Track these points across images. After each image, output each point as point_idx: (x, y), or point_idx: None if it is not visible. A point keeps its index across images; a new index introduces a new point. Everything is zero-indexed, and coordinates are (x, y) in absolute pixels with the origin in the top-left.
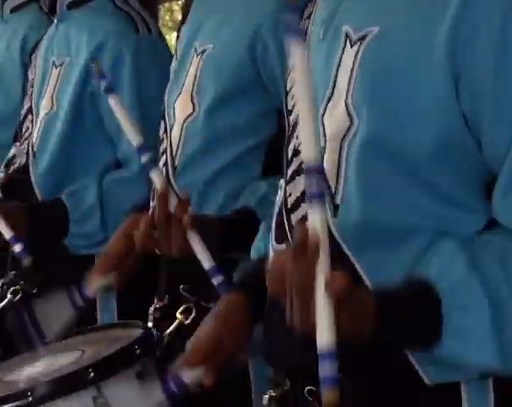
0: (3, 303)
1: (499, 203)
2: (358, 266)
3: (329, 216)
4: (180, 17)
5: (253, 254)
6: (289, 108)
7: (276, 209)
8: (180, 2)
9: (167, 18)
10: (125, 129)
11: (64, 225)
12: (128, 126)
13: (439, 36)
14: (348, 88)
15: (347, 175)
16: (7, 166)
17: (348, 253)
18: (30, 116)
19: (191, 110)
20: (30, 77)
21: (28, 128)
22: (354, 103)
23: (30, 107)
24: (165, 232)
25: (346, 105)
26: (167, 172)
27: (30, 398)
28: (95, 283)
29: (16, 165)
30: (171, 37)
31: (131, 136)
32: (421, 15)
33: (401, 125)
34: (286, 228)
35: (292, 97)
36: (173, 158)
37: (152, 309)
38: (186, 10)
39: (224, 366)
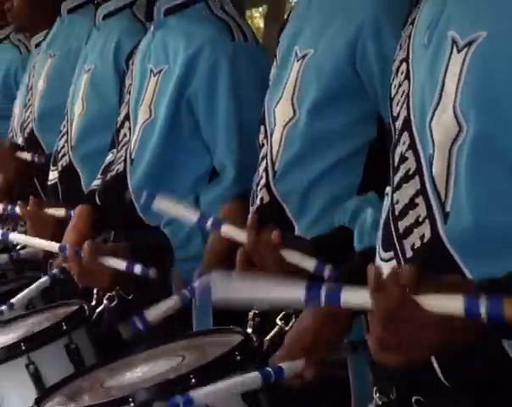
0: (100, 308)
1: None
2: (468, 273)
3: (439, 223)
4: (261, 24)
5: (357, 243)
6: (394, 114)
7: (383, 217)
8: (260, 10)
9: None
10: (182, 214)
11: (170, 257)
12: (183, 212)
13: None
14: (456, 94)
15: (458, 181)
16: (104, 173)
17: (459, 260)
18: (127, 123)
19: (291, 114)
20: (127, 83)
21: (125, 135)
22: (463, 108)
23: (128, 114)
24: (261, 261)
25: (454, 111)
26: (267, 177)
27: (132, 405)
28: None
29: (114, 172)
30: None
31: (189, 215)
32: None
33: (509, 129)
34: (394, 236)
35: (397, 104)
36: (273, 163)
37: (251, 314)
38: (286, 18)
39: (324, 360)
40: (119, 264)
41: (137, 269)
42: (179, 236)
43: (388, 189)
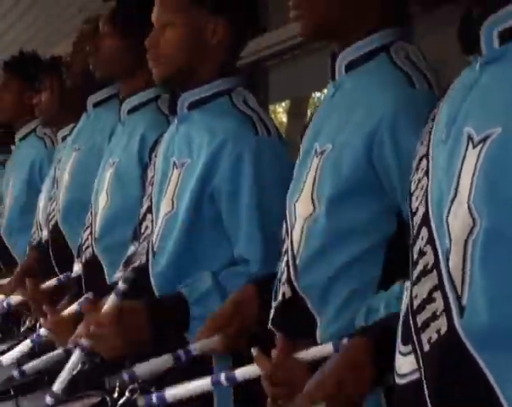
0: (122, 400)
1: None
2: (485, 368)
3: (456, 317)
4: (284, 119)
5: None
6: (413, 209)
7: (403, 311)
8: (283, 105)
9: None
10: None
11: (186, 317)
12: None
13: None
14: (471, 189)
15: (473, 275)
16: (126, 265)
17: (475, 354)
18: (149, 216)
19: (311, 210)
20: (150, 175)
21: (147, 227)
22: (476, 203)
23: (150, 206)
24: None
25: (469, 206)
26: (288, 272)
27: None
28: None
29: (136, 264)
30: None
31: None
32: None
33: None
34: (412, 330)
35: (416, 199)
36: (294, 258)
37: None
38: (310, 116)
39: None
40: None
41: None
42: (195, 294)
43: (408, 284)
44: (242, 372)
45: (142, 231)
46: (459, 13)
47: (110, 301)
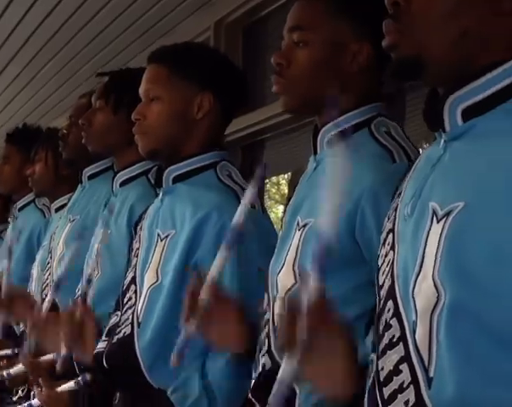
0: None
1: None
2: None
3: (423, 389)
4: (286, 190)
5: None
6: (380, 283)
7: (369, 384)
8: (286, 176)
9: (273, 191)
10: None
11: None
12: None
13: None
14: (435, 263)
15: (439, 347)
16: (108, 335)
17: None
18: (133, 286)
19: (293, 281)
20: (135, 247)
21: (131, 298)
22: (441, 277)
23: (134, 277)
24: None
25: (433, 279)
26: (269, 342)
27: None
28: None
29: (121, 335)
30: (278, 211)
31: None
32: (503, 192)
33: (485, 297)
34: (379, 402)
35: (383, 273)
36: (275, 330)
37: None
38: (294, 187)
39: None
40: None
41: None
42: (185, 404)
43: (373, 356)
44: None
45: (125, 301)
46: None
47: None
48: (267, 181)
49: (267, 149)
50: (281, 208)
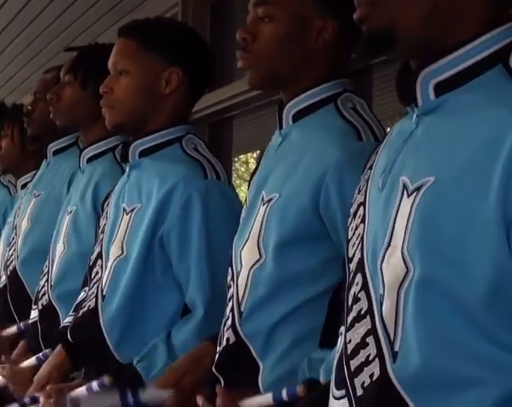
0: None
1: None
2: None
3: (388, 362)
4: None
5: (323, 378)
6: (349, 256)
7: (337, 356)
8: (255, 155)
9: (243, 169)
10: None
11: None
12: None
13: (491, 187)
14: (405, 237)
15: (406, 321)
16: (76, 310)
17: (407, 398)
18: (99, 261)
19: (257, 257)
20: (102, 224)
21: (97, 273)
22: (410, 251)
23: (100, 252)
24: None
25: (402, 253)
26: (233, 318)
27: None
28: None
29: (85, 309)
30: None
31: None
32: (474, 167)
33: (455, 271)
34: (346, 374)
35: (353, 245)
36: (239, 305)
37: None
38: (258, 161)
39: None
40: (82, 392)
41: (95, 386)
42: (152, 372)
43: (342, 329)
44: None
45: (92, 276)
46: None
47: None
48: (235, 159)
49: (235, 127)
50: None
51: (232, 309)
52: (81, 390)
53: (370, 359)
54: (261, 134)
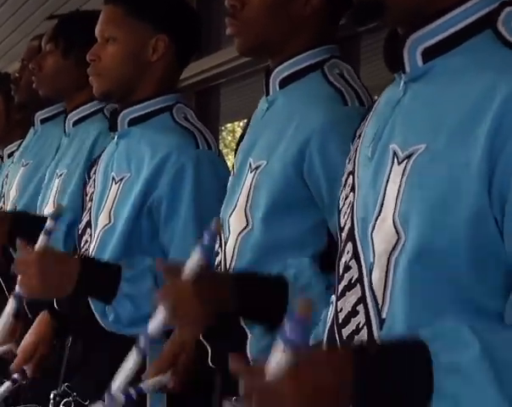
0: None
1: None
2: None
3: (375, 329)
4: None
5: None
6: (341, 225)
7: (328, 324)
8: (241, 124)
9: (229, 138)
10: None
11: (115, 286)
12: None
13: (476, 149)
14: (396, 204)
15: (394, 289)
16: None
17: None
18: (88, 230)
19: (245, 224)
20: (89, 192)
21: (87, 241)
22: (401, 218)
23: (89, 221)
24: None
25: (393, 221)
26: None
27: None
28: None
29: None
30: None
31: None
32: (462, 130)
33: (444, 239)
34: (338, 343)
35: (344, 215)
36: (227, 271)
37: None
38: (244, 129)
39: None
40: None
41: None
42: (131, 271)
43: (333, 297)
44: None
45: (82, 245)
46: None
47: (41, 241)
48: (222, 128)
49: (222, 95)
50: None
51: None
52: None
53: (360, 326)
54: (248, 103)
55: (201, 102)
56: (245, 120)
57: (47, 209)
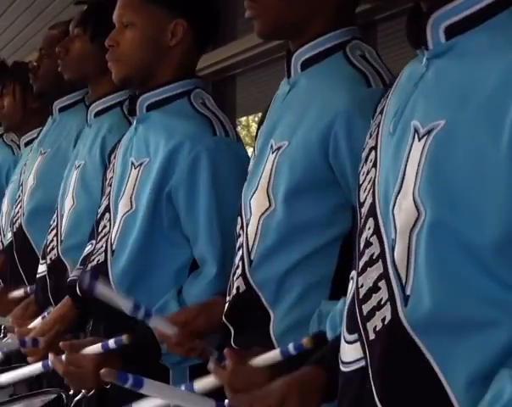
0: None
1: None
2: (428, 356)
3: (399, 306)
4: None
5: (329, 333)
6: (361, 200)
7: (348, 300)
8: (256, 119)
9: (243, 133)
10: (117, 303)
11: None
12: (118, 300)
13: (503, 130)
14: (416, 180)
15: (417, 265)
16: (83, 263)
17: (419, 342)
18: (107, 215)
19: (267, 205)
20: (109, 176)
21: (105, 226)
22: (421, 194)
23: (108, 206)
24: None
25: (413, 197)
26: (243, 267)
27: None
28: None
29: (94, 263)
30: (248, 153)
31: (123, 305)
32: (486, 109)
33: (465, 216)
34: (358, 319)
35: (364, 190)
36: (249, 253)
37: None
38: (264, 113)
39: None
40: (96, 349)
41: (111, 344)
42: None
43: (353, 273)
44: (201, 384)
45: (100, 230)
46: None
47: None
48: (236, 122)
49: (238, 86)
50: (251, 151)
51: (242, 258)
52: (96, 347)
53: (382, 303)
54: (263, 96)
55: (217, 92)
56: (259, 114)
57: (67, 203)
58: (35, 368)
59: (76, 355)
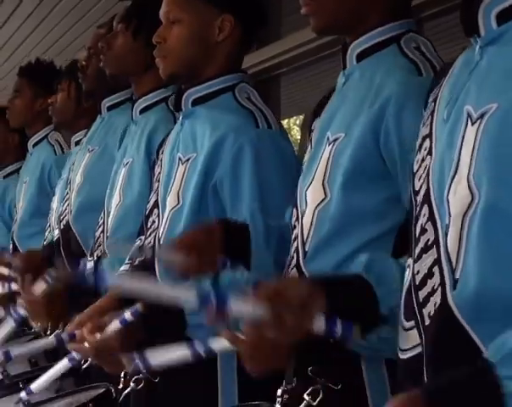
0: (127, 391)
1: None
2: (476, 338)
3: (448, 290)
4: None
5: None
6: (416, 188)
7: (405, 287)
8: (298, 122)
9: None
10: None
11: (183, 323)
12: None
13: None
14: (470, 164)
15: (468, 249)
16: (131, 259)
17: (465, 324)
18: (156, 210)
19: (322, 196)
20: (157, 172)
21: (154, 222)
22: (476, 178)
23: (156, 201)
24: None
25: (468, 181)
26: (297, 258)
27: None
28: None
29: (143, 258)
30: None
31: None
32: None
33: None
34: (415, 305)
35: (419, 178)
36: (304, 244)
37: (280, 391)
38: (319, 104)
39: None
40: (115, 325)
41: (128, 316)
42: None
43: (410, 261)
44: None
45: (149, 225)
46: None
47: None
48: None
49: (282, 87)
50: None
51: (297, 249)
52: (115, 324)
53: (435, 288)
54: (307, 97)
55: (261, 92)
56: (301, 117)
57: (115, 200)
58: (63, 365)
59: (101, 339)
